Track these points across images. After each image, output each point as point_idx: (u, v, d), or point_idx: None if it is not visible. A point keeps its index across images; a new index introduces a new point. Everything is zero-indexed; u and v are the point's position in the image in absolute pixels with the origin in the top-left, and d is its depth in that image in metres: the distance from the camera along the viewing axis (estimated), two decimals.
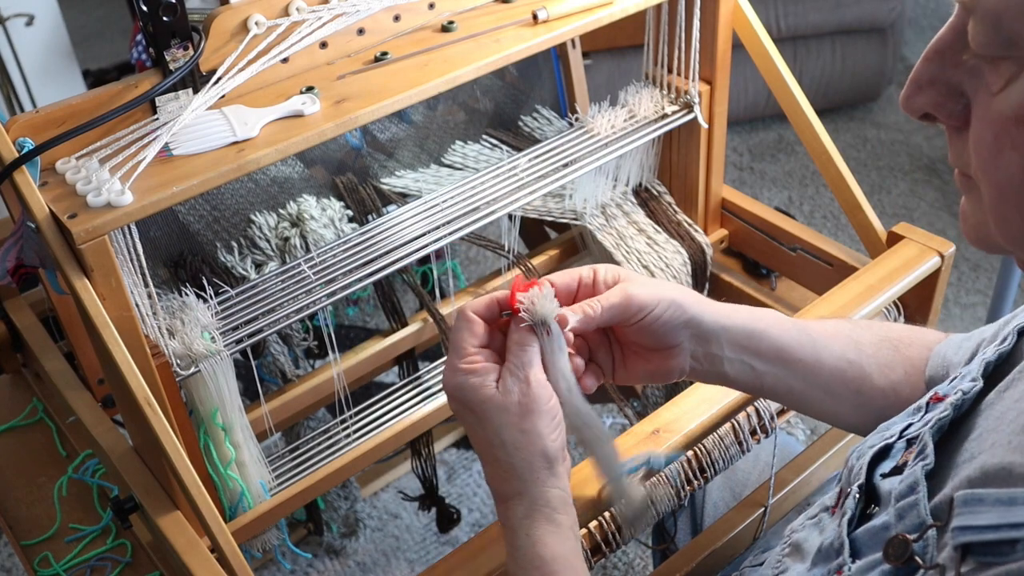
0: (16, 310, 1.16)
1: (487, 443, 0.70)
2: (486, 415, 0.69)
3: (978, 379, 0.65)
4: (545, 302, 0.71)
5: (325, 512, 1.47)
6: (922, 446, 0.61)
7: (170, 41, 0.84)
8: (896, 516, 0.58)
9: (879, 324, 0.90)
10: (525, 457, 0.69)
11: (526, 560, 0.69)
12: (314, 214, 1.10)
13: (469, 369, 0.70)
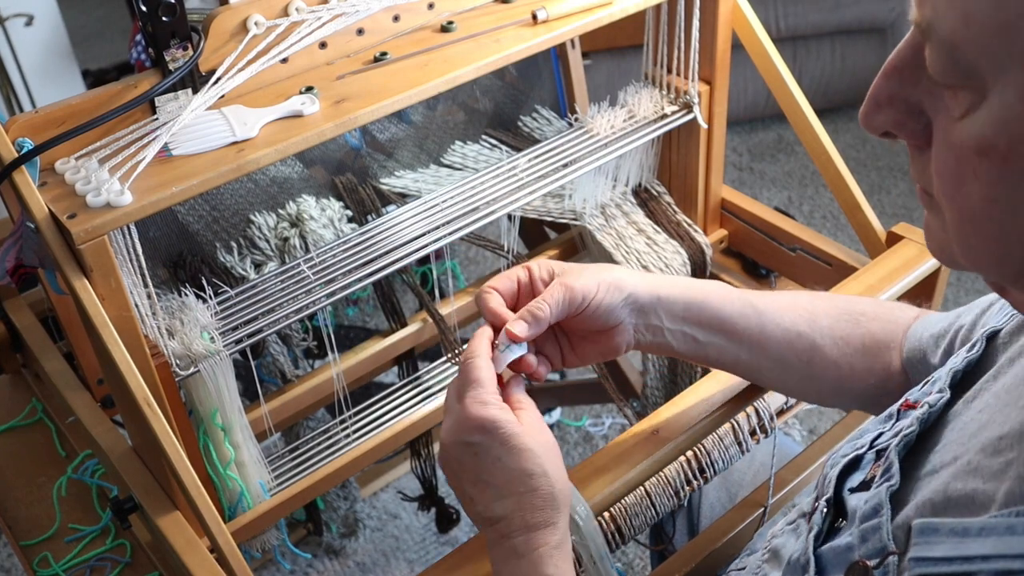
0: (16, 310, 1.16)
1: (518, 474, 0.70)
2: (521, 447, 0.70)
3: (945, 390, 0.64)
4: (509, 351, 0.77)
5: (324, 512, 1.47)
6: (888, 464, 0.61)
7: (170, 41, 0.84)
8: (860, 538, 0.57)
9: (845, 298, 0.91)
10: (563, 488, 0.71)
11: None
12: (313, 214, 1.10)
13: (501, 404, 0.72)
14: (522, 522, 0.70)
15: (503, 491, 0.70)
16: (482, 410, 0.70)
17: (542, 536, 0.69)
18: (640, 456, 0.92)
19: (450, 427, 0.72)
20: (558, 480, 0.71)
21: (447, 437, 0.72)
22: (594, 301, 0.78)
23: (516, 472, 0.69)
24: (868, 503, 0.59)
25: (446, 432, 0.73)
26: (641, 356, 1.39)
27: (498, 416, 0.70)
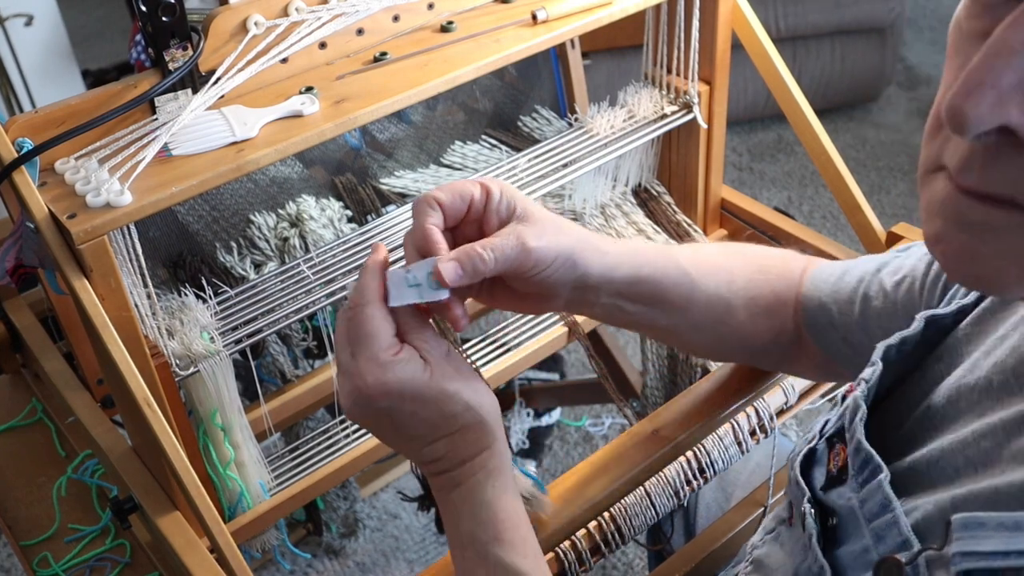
0: (15, 310, 1.16)
1: (440, 419, 0.67)
2: (435, 395, 0.66)
3: (876, 363, 0.64)
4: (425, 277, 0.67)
5: (324, 512, 1.47)
6: (865, 457, 0.59)
7: (169, 41, 0.84)
8: (874, 537, 0.56)
9: (756, 251, 0.91)
10: (491, 410, 0.69)
11: (493, 516, 0.69)
12: (313, 214, 1.10)
13: (401, 357, 0.66)
14: (456, 457, 0.69)
15: (429, 437, 0.68)
16: (382, 375, 0.65)
17: (478, 462, 0.69)
18: (640, 456, 0.92)
19: (350, 393, 0.66)
20: (482, 405, 0.68)
21: (348, 403, 0.67)
22: (544, 272, 0.72)
23: (437, 418, 0.67)
24: (871, 501, 0.57)
25: (346, 397, 0.67)
26: (641, 356, 1.39)
27: (401, 378, 0.65)
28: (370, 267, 0.68)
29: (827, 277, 0.86)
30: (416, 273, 0.66)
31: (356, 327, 0.66)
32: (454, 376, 0.67)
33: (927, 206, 0.50)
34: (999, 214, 0.45)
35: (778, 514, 0.74)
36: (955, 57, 0.48)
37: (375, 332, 0.66)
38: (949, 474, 0.56)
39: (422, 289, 0.66)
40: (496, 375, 1.09)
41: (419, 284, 0.66)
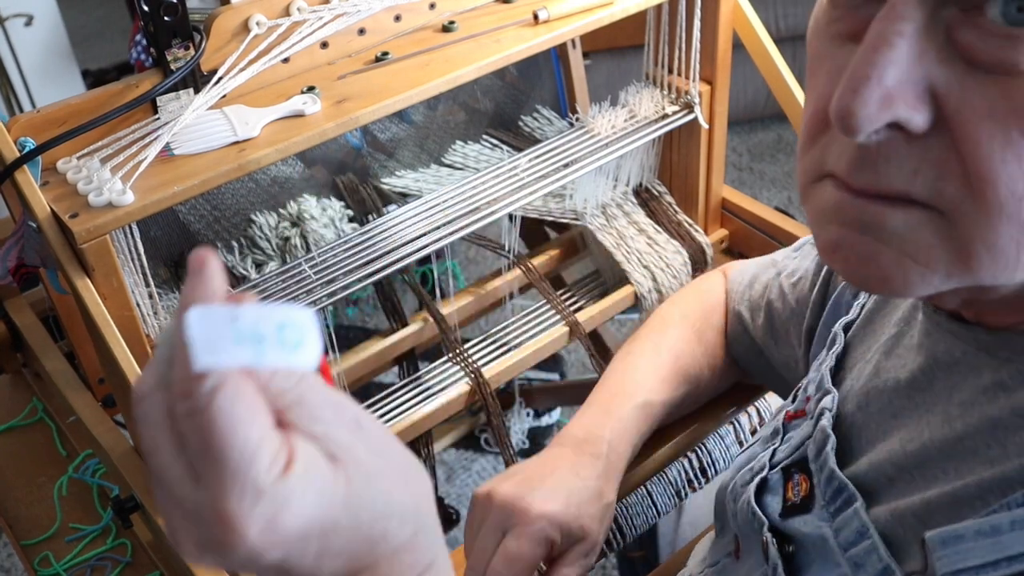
0: (16, 310, 1.16)
1: (364, 545, 0.43)
2: (359, 510, 0.42)
3: (831, 389, 0.63)
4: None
5: None
6: (839, 485, 0.57)
7: (171, 41, 0.84)
8: (852, 566, 0.54)
9: (692, 315, 0.96)
10: (428, 509, 0.47)
11: None
12: (314, 214, 1.10)
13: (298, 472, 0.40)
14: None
15: (352, 569, 0.44)
16: (273, 516, 0.39)
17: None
18: (640, 456, 0.92)
19: (210, 550, 0.40)
20: (419, 508, 0.46)
21: (208, 563, 0.42)
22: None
23: (360, 549, 0.43)
24: (846, 529, 0.55)
25: (198, 554, 0.41)
26: None
27: (304, 511, 0.40)
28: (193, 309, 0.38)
29: (737, 287, 0.94)
30: (256, 319, 0.38)
31: (205, 433, 0.38)
32: (378, 472, 0.43)
33: (817, 216, 0.50)
34: (896, 212, 0.45)
35: (722, 547, 0.73)
36: (821, 64, 0.49)
37: (246, 438, 0.38)
38: (883, 484, 0.55)
39: (264, 346, 0.38)
40: (496, 375, 1.09)
41: (259, 338, 0.38)
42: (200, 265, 0.39)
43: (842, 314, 0.71)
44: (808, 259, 0.84)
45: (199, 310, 0.38)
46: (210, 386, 0.37)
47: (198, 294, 0.39)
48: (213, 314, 0.38)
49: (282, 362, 0.39)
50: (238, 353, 0.38)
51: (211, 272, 0.39)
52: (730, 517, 0.70)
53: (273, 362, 0.38)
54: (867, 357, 0.63)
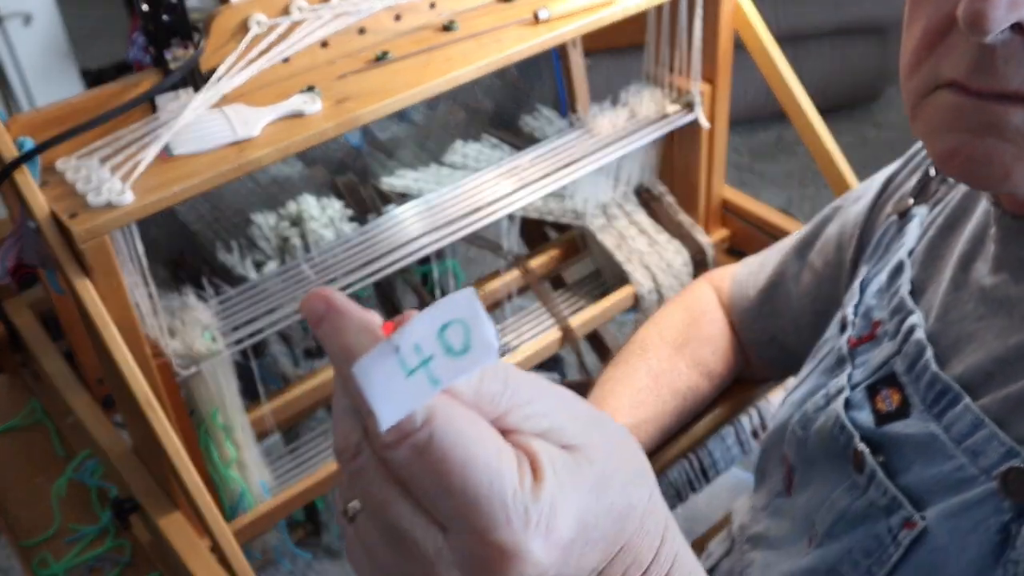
0: (15, 310, 1.16)
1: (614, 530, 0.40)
2: (612, 498, 0.39)
3: (914, 309, 0.67)
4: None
5: (324, 513, 1.47)
6: (942, 387, 0.61)
7: (170, 40, 0.84)
8: (969, 455, 0.58)
9: (673, 326, 0.97)
10: (649, 467, 0.44)
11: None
12: (314, 214, 1.09)
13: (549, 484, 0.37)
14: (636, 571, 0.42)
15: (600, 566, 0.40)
16: (544, 534, 0.36)
17: (663, 557, 0.43)
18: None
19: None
20: (648, 471, 0.42)
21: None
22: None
23: (612, 533, 0.40)
24: (959, 423, 0.59)
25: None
26: None
27: (567, 520, 0.37)
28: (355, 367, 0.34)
29: (747, 275, 0.95)
30: (420, 339, 0.35)
31: (438, 471, 0.35)
32: (605, 445, 0.40)
33: (932, 127, 0.55)
34: (1017, 110, 0.50)
35: (769, 491, 0.76)
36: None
37: (486, 460, 0.35)
38: (982, 379, 0.60)
39: (436, 365, 0.34)
40: None
41: (426, 359, 0.34)
42: (326, 306, 0.36)
43: (882, 255, 0.75)
44: (848, 222, 0.87)
45: (360, 365, 0.34)
46: (421, 420, 0.34)
47: (352, 342, 0.36)
48: (374, 359, 0.34)
49: (461, 372, 0.34)
50: (416, 390, 0.34)
51: (349, 310, 0.36)
52: (789, 450, 0.73)
53: (451, 378, 0.35)
54: (940, 276, 0.68)
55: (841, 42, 2.65)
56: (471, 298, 0.34)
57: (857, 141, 2.73)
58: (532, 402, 0.38)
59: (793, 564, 0.68)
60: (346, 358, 0.35)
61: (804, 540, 0.69)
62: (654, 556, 0.41)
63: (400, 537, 0.36)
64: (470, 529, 0.35)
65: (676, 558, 0.42)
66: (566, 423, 0.38)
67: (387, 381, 0.34)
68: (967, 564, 0.57)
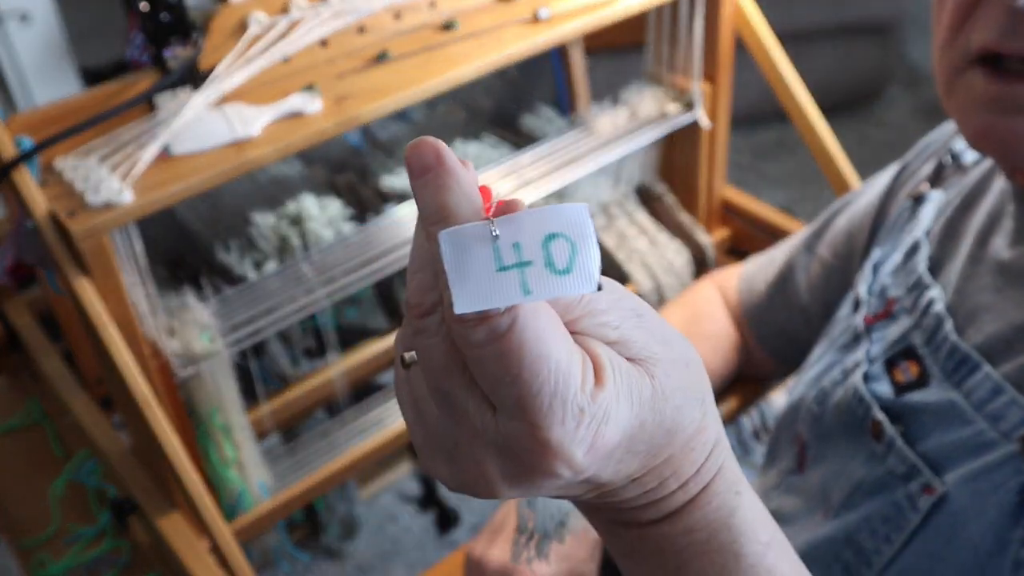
0: (14, 310, 1.16)
1: (664, 439, 0.40)
2: (666, 409, 0.39)
3: (932, 283, 0.69)
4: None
5: (323, 514, 1.47)
6: (962, 356, 0.63)
7: (169, 39, 0.84)
8: (990, 420, 0.60)
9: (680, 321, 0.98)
10: (707, 382, 0.43)
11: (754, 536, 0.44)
12: (314, 213, 1.09)
13: (611, 388, 0.37)
14: (681, 477, 0.42)
15: (642, 470, 0.41)
16: (595, 436, 0.37)
17: (708, 468, 0.43)
18: None
19: (536, 481, 0.37)
20: (707, 383, 0.42)
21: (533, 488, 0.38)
22: None
23: (661, 442, 0.40)
24: (980, 389, 0.61)
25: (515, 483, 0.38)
26: None
27: (622, 424, 0.37)
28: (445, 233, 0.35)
29: (750, 286, 0.96)
30: (523, 239, 0.33)
31: (509, 359, 0.34)
32: (671, 362, 0.40)
33: (965, 107, 0.58)
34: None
35: (780, 470, 0.77)
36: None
37: (557, 358, 0.35)
38: (1001, 348, 0.62)
39: (532, 272, 0.33)
40: None
41: (524, 262, 0.33)
42: (436, 159, 0.35)
43: (893, 238, 0.77)
44: (857, 211, 0.88)
45: (450, 234, 0.33)
46: (502, 319, 0.34)
47: (452, 204, 0.34)
48: (468, 236, 0.33)
49: (556, 291, 0.33)
50: (503, 289, 0.32)
51: (459, 172, 0.35)
52: (804, 428, 0.74)
53: (545, 294, 0.33)
54: (958, 252, 0.70)
55: (842, 41, 2.65)
56: (584, 216, 0.33)
57: (858, 140, 2.73)
58: (606, 312, 0.38)
59: (809, 535, 0.70)
60: (440, 219, 0.35)
61: (818, 513, 0.71)
62: (696, 471, 0.42)
63: (450, 402, 0.37)
64: (524, 419, 0.35)
65: (720, 471, 0.43)
66: (635, 337, 0.38)
67: (475, 266, 0.33)
68: (986, 526, 0.59)
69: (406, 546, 1.74)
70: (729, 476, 0.43)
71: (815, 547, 0.69)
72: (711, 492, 0.42)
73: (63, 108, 0.83)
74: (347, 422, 1.11)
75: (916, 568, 0.62)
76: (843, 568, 0.66)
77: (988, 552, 0.59)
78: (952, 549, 0.60)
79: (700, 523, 0.42)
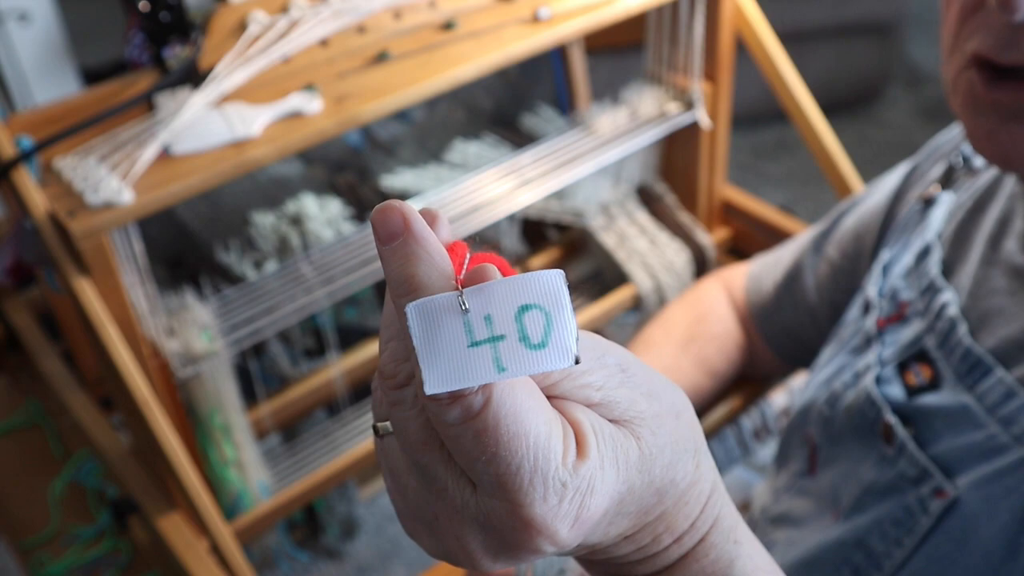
0: (13, 309, 1.16)
1: (654, 499, 0.39)
2: (654, 473, 0.38)
3: (945, 286, 0.69)
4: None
5: (323, 514, 1.46)
6: (975, 360, 0.63)
7: (169, 38, 0.84)
8: (1002, 423, 0.60)
9: (679, 322, 0.97)
10: (701, 435, 0.42)
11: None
12: (313, 213, 1.09)
13: (594, 459, 0.36)
14: (675, 532, 0.41)
15: (632, 529, 0.40)
16: (579, 512, 0.35)
17: (704, 521, 0.42)
18: None
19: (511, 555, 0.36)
20: (702, 443, 0.41)
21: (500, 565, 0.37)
22: None
23: (650, 503, 0.39)
24: (993, 392, 0.61)
25: (490, 559, 0.37)
26: None
27: (609, 494, 0.36)
28: (412, 305, 0.33)
29: (761, 274, 0.96)
30: (494, 312, 0.32)
31: (485, 436, 0.33)
32: (658, 418, 0.38)
33: (966, 107, 0.59)
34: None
35: (791, 473, 0.77)
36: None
37: (536, 432, 0.34)
38: (1015, 351, 0.62)
39: (505, 348, 0.32)
40: None
41: (496, 337, 0.32)
42: (403, 225, 0.33)
43: (903, 240, 0.77)
44: (865, 212, 0.88)
45: (418, 307, 0.31)
46: (477, 385, 0.32)
47: (420, 276, 0.33)
48: (436, 308, 0.31)
49: (530, 368, 0.31)
50: (475, 366, 0.31)
51: (428, 240, 0.33)
52: (815, 430, 0.74)
53: (519, 370, 0.31)
54: (970, 255, 0.70)
55: (843, 41, 2.64)
56: (559, 283, 0.32)
57: (858, 140, 2.73)
58: (587, 372, 0.36)
59: (820, 537, 0.69)
60: (408, 291, 0.33)
61: (829, 515, 0.70)
62: (690, 525, 0.41)
63: (429, 476, 0.36)
64: (504, 497, 0.34)
65: (716, 521, 0.42)
66: (619, 397, 0.37)
67: (445, 342, 0.31)
68: (998, 531, 0.58)
69: (406, 546, 1.74)
70: (726, 524, 0.42)
71: (825, 549, 0.69)
72: (708, 544, 0.41)
73: (63, 108, 0.83)
74: (347, 422, 1.11)
75: (927, 572, 0.62)
76: (853, 571, 0.66)
77: (1000, 556, 0.58)
78: (963, 553, 0.60)
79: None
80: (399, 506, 0.38)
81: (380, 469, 0.38)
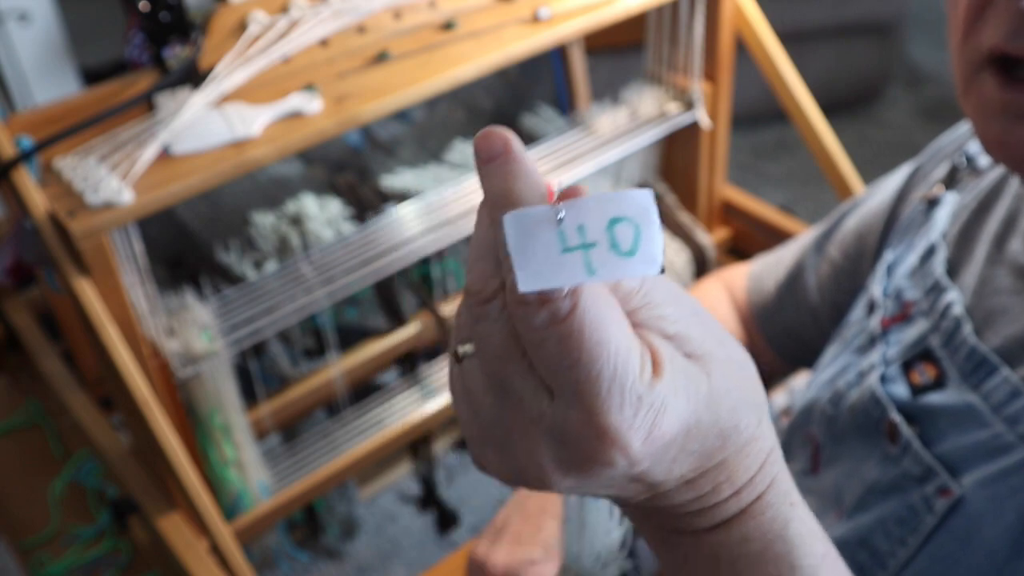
0: (13, 309, 1.16)
1: (718, 441, 0.39)
2: (720, 408, 0.39)
3: (950, 286, 0.69)
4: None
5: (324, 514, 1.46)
6: (981, 359, 0.63)
7: (169, 38, 0.84)
8: (1008, 422, 0.60)
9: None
10: (761, 386, 0.43)
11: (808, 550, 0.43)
12: (313, 213, 1.09)
13: (668, 381, 0.37)
14: (735, 483, 0.41)
15: (694, 473, 0.40)
16: (651, 425, 0.36)
17: (762, 477, 0.42)
18: None
19: (591, 469, 0.37)
20: (760, 387, 0.42)
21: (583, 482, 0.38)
22: None
23: (713, 445, 0.39)
24: (998, 391, 0.61)
25: (565, 471, 0.37)
26: None
27: (679, 417, 0.37)
28: (509, 215, 0.34)
29: (762, 274, 0.95)
30: (583, 218, 0.34)
31: (569, 343, 0.34)
32: (728, 363, 0.40)
33: (980, 111, 0.57)
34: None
35: (796, 469, 0.77)
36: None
37: (618, 344, 0.35)
38: (1020, 351, 0.61)
39: (596, 254, 0.34)
40: None
41: (588, 244, 0.33)
42: (504, 147, 0.36)
43: (907, 240, 0.77)
44: (867, 213, 0.88)
45: (515, 216, 0.34)
46: (567, 290, 0.34)
47: (517, 190, 0.35)
48: (533, 218, 0.34)
49: (620, 273, 0.34)
50: (567, 269, 0.33)
51: (526, 161, 0.36)
52: (818, 429, 0.74)
53: (609, 275, 0.34)
54: (975, 255, 0.70)
55: (843, 41, 2.64)
56: (649, 201, 0.34)
57: (858, 140, 2.73)
58: (664, 305, 0.38)
59: None
60: (507, 204, 0.35)
61: (832, 514, 0.70)
62: (749, 479, 0.41)
63: (506, 390, 0.37)
64: (581, 404, 0.35)
65: (773, 481, 0.42)
66: (693, 333, 0.38)
67: (539, 247, 0.33)
68: (1003, 530, 0.58)
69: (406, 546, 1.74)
70: (783, 487, 0.43)
71: None
72: (765, 502, 0.42)
73: (63, 108, 0.83)
74: (347, 422, 1.11)
75: (931, 571, 0.62)
76: (857, 570, 0.66)
77: (1005, 555, 0.58)
78: (968, 552, 0.60)
79: (755, 533, 0.42)
80: (471, 431, 0.39)
81: (454, 398, 0.40)
